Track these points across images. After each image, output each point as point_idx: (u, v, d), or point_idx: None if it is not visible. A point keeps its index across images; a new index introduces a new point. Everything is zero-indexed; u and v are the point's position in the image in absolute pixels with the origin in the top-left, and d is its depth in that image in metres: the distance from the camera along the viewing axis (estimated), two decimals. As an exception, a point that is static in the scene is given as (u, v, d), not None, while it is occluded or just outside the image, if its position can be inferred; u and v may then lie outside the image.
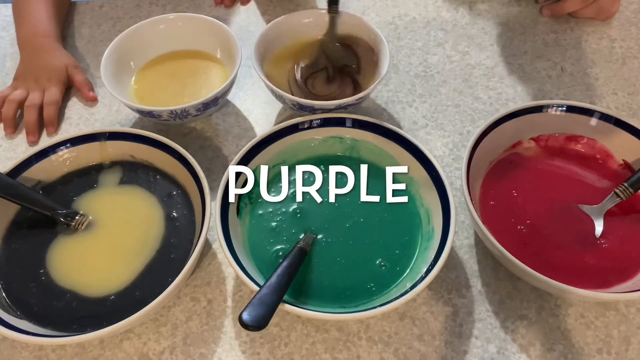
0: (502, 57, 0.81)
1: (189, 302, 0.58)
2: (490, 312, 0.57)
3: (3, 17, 0.90)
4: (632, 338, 0.55)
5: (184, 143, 0.65)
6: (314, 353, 0.54)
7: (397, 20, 0.87)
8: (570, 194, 0.61)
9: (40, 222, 0.60)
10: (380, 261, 0.57)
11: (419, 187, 0.60)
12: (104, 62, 0.69)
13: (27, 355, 0.55)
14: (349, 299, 0.54)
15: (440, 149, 0.70)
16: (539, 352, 0.54)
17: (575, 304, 0.57)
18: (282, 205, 0.61)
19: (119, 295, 0.55)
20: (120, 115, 0.75)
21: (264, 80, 0.67)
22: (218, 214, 0.55)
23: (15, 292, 0.55)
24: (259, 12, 0.89)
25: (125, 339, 0.55)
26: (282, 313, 0.56)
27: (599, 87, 0.77)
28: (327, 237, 0.58)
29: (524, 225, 0.59)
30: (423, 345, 0.55)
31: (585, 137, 0.64)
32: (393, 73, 0.79)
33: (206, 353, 0.54)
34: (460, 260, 0.60)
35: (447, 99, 0.76)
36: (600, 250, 0.57)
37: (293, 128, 0.63)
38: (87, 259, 0.57)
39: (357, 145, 0.65)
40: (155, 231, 0.59)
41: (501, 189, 0.62)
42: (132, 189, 0.62)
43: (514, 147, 0.65)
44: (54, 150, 0.62)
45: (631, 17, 0.86)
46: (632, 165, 0.62)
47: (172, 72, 0.75)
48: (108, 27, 0.87)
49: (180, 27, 0.76)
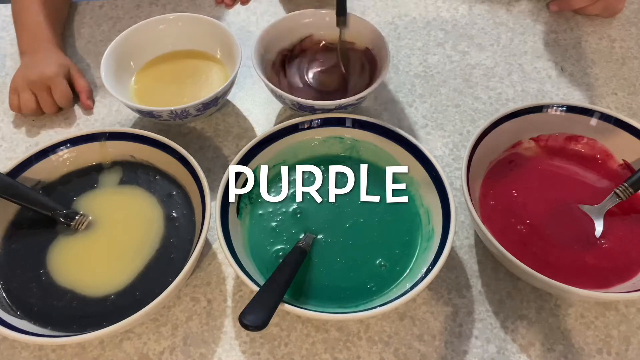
0: (502, 57, 0.81)
1: (189, 302, 0.58)
2: (490, 312, 0.57)
3: (3, 17, 0.90)
4: (632, 338, 0.55)
5: (184, 143, 0.65)
6: (314, 353, 0.54)
7: (397, 20, 0.87)
8: (570, 194, 0.61)
9: (40, 222, 0.60)
10: (380, 261, 0.57)
11: (419, 187, 0.61)
12: (104, 62, 0.69)
13: (27, 355, 0.55)
14: (349, 299, 0.54)
15: (440, 149, 0.70)
16: (539, 352, 0.54)
17: (575, 304, 0.57)
18: (282, 205, 0.61)
19: (119, 295, 0.55)
20: (120, 115, 0.75)
21: (263, 80, 0.67)
22: (218, 214, 0.55)
23: (15, 292, 0.55)
24: (259, 12, 0.89)
25: (125, 339, 0.55)
26: (282, 313, 0.56)
27: (599, 87, 0.77)
28: (327, 237, 0.58)
29: (524, 225, 0.59)
30: (423, 345, 0.55)
31: (585, 137, 0.64)
32: (393, 73, 0.79)
33: (206, 353, 0.54)
34: (460, 260, 0.60)
35: (447, 99, 0.76)
36: (600, 250, 0.57)
37: (293, 128, 0.63)
38: (87, 259, 0.57)
39: (357, 145, 0.65)
40: (155, 231, 0.59)
41: (501, 189, 0.62)
42: (132, 189, 0.62)
43: (514, 147, 0.65)
44: (54, 150, 0.62)
45: (631, 17, 0.86)
46: (632, 165, 0.62)
47: (172, 72, 0.75)
48: (108, 27, 0.87)
49: (180, 27, 0.76)
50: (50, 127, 0.74)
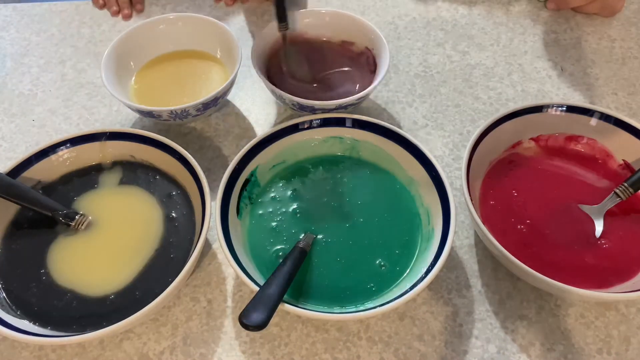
0: (502, 57, 0.81)
1: (189, 302, 0.58)
2: (490, 312, 0.57)
3: (3, 17, 0.90)
4: (632, 338, 0.55)
5: (184, 143, 0.65)
6: (314, 353, 0.54)
7: (397, 20, 0.87)
8: (570, 194, 0.61)
9: (40, 222, 0.60)
10: (380, 261, 0.57)
11: (419, 187, 0.61)
12: (104, 62, 0.69)
13: (27, 355, 0.55)
14: (349, 299, 0.54)
15: (440, 149, 0.70)
16: (539, 352, 0.54)
17: (575, 304, 0.57)
18: (282, 205, 0.61)
19: (119, 295, 0.55)
20: (120, 115, 0.75)
21: (263, 81, 0.67)
22: (218, 214, 0.55)
23: (16, 292, 0.55)
24: (259, 12, 0.89)
25: (125, 339, 0.55)
26: (282, 313, 0.56)
27: (599, 87, 0.77)
28: (327, 237, 0.58)
29: (524, 225, 0.59)
30: (423, 345, 0.55)
31: (585, 137, 0.64)
32: (393, 73, 0.79)
33: (206, 353, 0.54)
34: (460, 260, 0.60)
35: (447, 99, 0.76)
36: (600, 250, 0.57)
37: (293, 128, 0.63)
38: (87, 259, 0.57)
39: (357, 145, 0.65)
40: (155, 231, 0.59)
41: (501, 189, 0.62)
42: (133, 189, 0.62)
43: (514, 147, 0.65)
44: (54, 150, 0.62)
45: (631, 17, 0.86)
46: (632, 165, 0.62)
47: (172, 72, 0.75)
48: (108, 27, 0.87)
49: (180, 27, 0.76)
50: (50, 127, 0.74)
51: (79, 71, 0.81)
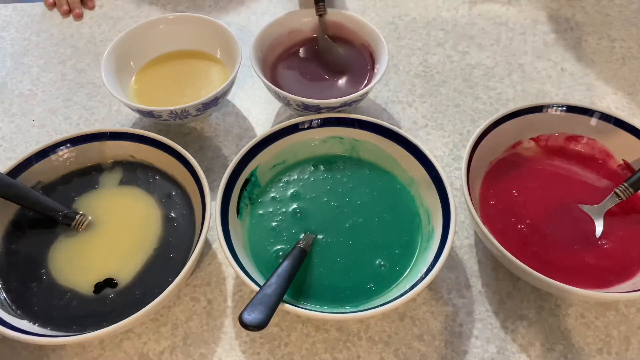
0: (502, 57, 0.81)
1: (189, 302, 0.58)
2: (490, 312, 0.57)
3: (3, 17, 0.90)
4: (632, 338, 0.55)
5: (184, 143, 0.65)
6: (314, 353, 0.54)
7: (397, 20, 0.87)
8: (570, 194, 0.61)
9: (40, 222, 0.60)
10: (380, 261, 0.56)
11: (419, 187, 0.60)
12: (104, 62, 0.69)
13: (27, 355, 0.55)
14: (348, 299, 0.54)
15: (440, 149, 0.70)
16: (539, 352, 0.54)
17: (575, 304, 0.57)
18: (282, 205, 0.61)
19: (119, 295, 0.55)
20: (120, 115, 0.75)
21: (263, 81, 0.67)
22: (218, 214, 0.55)
23: (16, 292, 0.55)
24: (259, 12, 0.89)
25: (125, 339, 0.55)
26: (282, 313, 0.56)
27: (599, 87, 0.77)
28: (327, 237, 0.58)
29: (524, 225, 0.59)
30: (423, 345, 0.55)
31: (585, 137, 0.64)
32: (393, 73, 0.79)
33: (206, 353, 0.54)
34: (460, 260, 0.60)
35: (447, 99, 0.76)
36: (600, 250, 0.57)
37: (293, 128, 0.63)
38: (87, 259, 0.57)
39: (357, 145, 0.65)
40: (155, 231, 0.59)
41: (501, 189, 0.62)
42: (133, 189, 0.62)
43: (514, 147, 0.65)
44: (54, 150, 0.62)
45: (631, 17, 0.86)
46: (632, 165, 0.62)
47: (172, 72, 0.75)
48: (108, 27, 0.87)
49: (180, 27, 0.76)
50: (50, 127, 0.74)
51: (79, 71, 0.81)
